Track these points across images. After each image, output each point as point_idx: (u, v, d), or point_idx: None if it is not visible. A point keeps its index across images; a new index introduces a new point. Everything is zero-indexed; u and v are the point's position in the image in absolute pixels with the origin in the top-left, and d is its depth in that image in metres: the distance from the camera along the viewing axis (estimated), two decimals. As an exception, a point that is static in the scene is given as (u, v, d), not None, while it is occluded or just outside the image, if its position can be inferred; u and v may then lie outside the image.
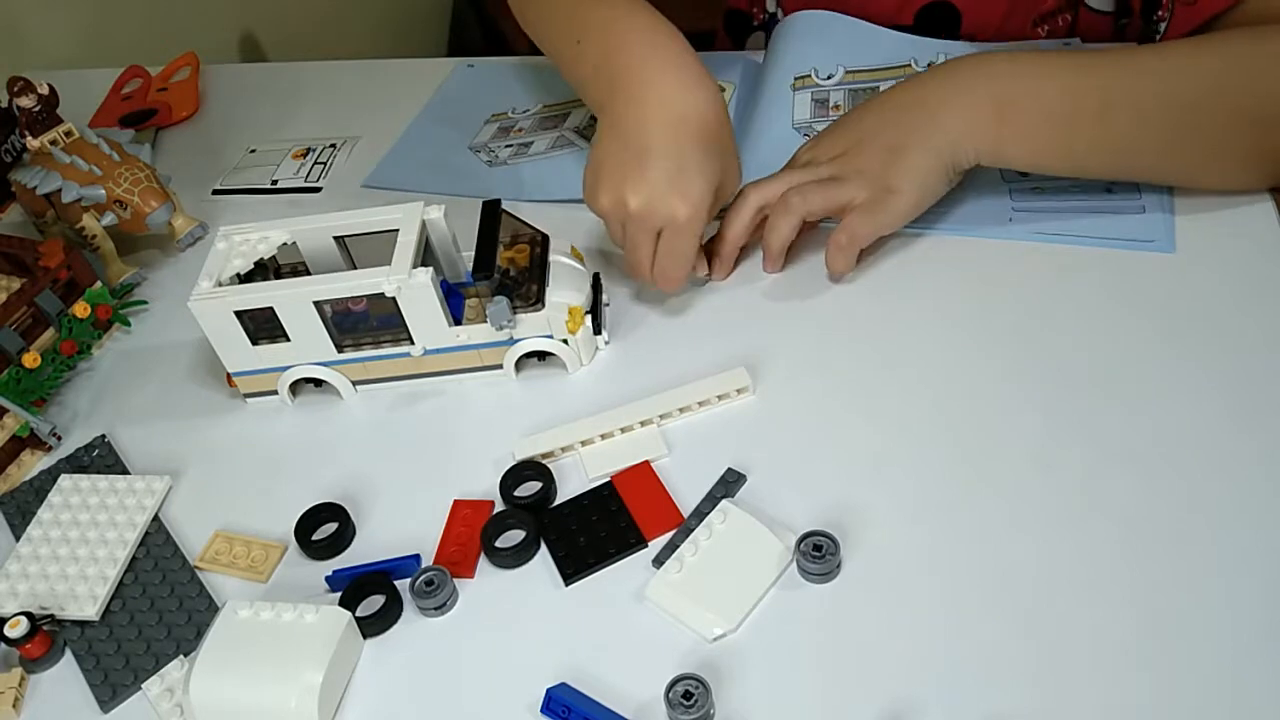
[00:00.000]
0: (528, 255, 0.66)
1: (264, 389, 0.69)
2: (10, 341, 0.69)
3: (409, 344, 0.66)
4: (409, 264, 0.62)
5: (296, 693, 0.51)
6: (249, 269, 0.67)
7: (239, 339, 0.65)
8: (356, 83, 1.03)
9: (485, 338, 0.65)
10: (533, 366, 0.68)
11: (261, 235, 0.67)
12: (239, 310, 0.64)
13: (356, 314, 0.65)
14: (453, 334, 0.65)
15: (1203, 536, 0.53)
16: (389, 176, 0.88)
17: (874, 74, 0.84)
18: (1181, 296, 0.65)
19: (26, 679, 0.57)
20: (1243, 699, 0.47)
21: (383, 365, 0.67)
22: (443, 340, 0.66)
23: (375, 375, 0.68)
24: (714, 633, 0.52)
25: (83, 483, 0.65)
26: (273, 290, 0.64)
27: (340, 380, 0.68)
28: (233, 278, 0.66)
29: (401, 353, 0.66)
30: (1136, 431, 0.58)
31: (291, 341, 0.65)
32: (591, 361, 0.68)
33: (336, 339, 0.66)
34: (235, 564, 0.60)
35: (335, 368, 0.67)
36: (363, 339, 0.66)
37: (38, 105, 0.80)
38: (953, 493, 0.57)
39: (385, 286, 0.62)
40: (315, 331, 0.65)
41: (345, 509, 0.61)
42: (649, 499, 0.59)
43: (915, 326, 0.66)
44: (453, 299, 0.67)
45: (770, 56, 0.88)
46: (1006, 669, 0.49)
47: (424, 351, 0.66)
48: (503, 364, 0.67)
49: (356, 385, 0.69)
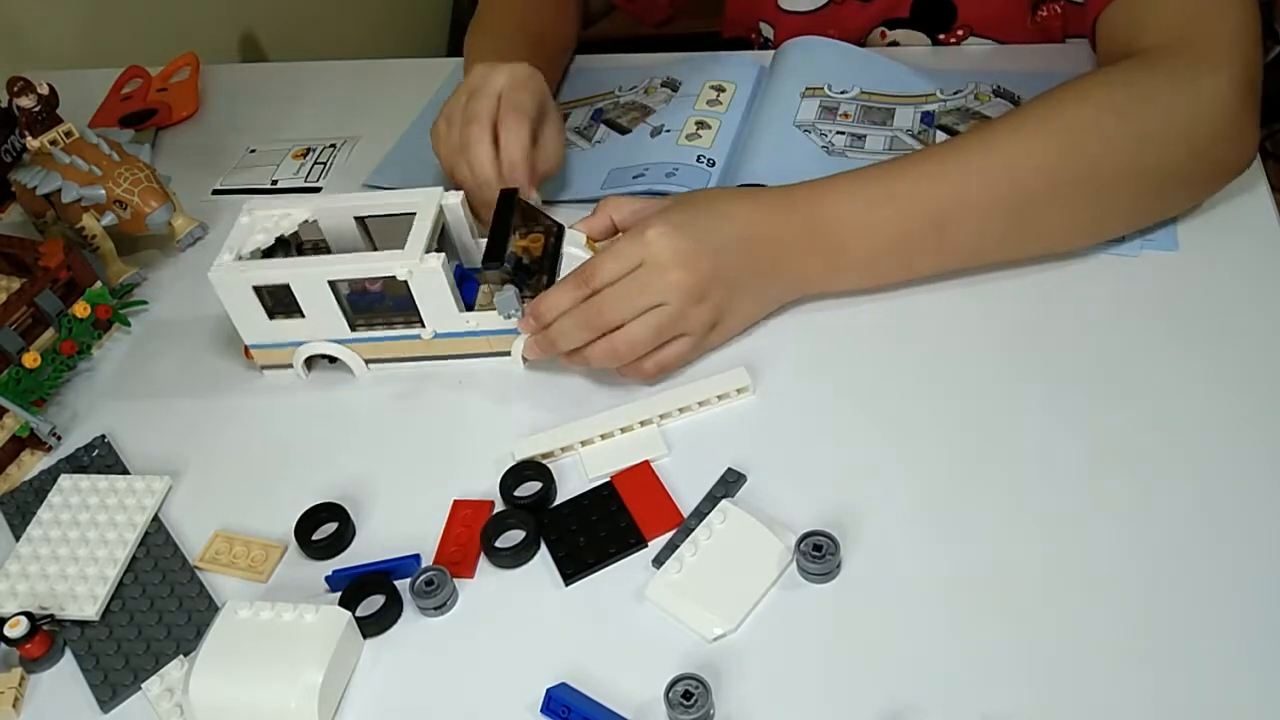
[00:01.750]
0: (541, 245, 0.67)
1: (279, 362, 0.70)
2: (10, 341, 0.69)
3: (420, 326, 0.67)
4: (422, 248, 0.64)
5: (296, 693, 0.51)
6: (270, 244, 0.68)
7: (257, 312, 0.67)
8: (356, 83, 1.03)
9: (495, 324, 0.66)
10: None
11: (284, 212, 0.69)
12: (257, 285, 0.65)
13: (373, 294, 0.66)
14: (463, 319, 0.66)
15: (1204, 535, 0.53)
16: (390, 176, 0.87)
17: (893, 99, 0.83)
18: (1184, 294, 0.65)
19: (26, 679, 0.56)
20: (1243, 699, 0.47)
21: (394, 345, 0.68)
22: (453, 325, 0.66)
23: (387, 355, 0.69)
24: (714, 633, 0.52)
25: (83, 483, 0.65)
26: (290, 268, 0.65)
27: (353, 358, 0.69)
28: (254, 252, 0.67)
29: (412, 334, 0.67)
30: (1138, 430, 0.58)
31: (306, 318, 0.67)
32: None
33: (351, 318, 0.67)
34: (235, 564, 0.60)
35: (349, 345, 0.68)
36: (376, 319, 0.67)
37: (38, 105, 0.80)
38: (953, 492, 0.57)
39: (397, 270, 0.63)
40: (330, 309, 0.66)
41: (345, 509, 0.61)
42: (649, 499, 0.59)
43: (916, 326, 0.66)
44: (467, 284, 0.68)
45: (781, 66, 0.87)
46: (1006, 669, 0.49)
47: (434, 335, 0.67)
48: (510, 351, 0.68)
49: (369, 364, 0.69)
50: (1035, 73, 0.81)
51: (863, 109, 0.82)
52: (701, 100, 0.85)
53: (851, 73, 0.85)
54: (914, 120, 0.81)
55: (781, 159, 0.77)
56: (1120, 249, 0.68)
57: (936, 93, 0.83)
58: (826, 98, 0.83)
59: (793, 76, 0.85)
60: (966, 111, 0.81)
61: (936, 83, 0.84)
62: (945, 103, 0.82)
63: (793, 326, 0.68)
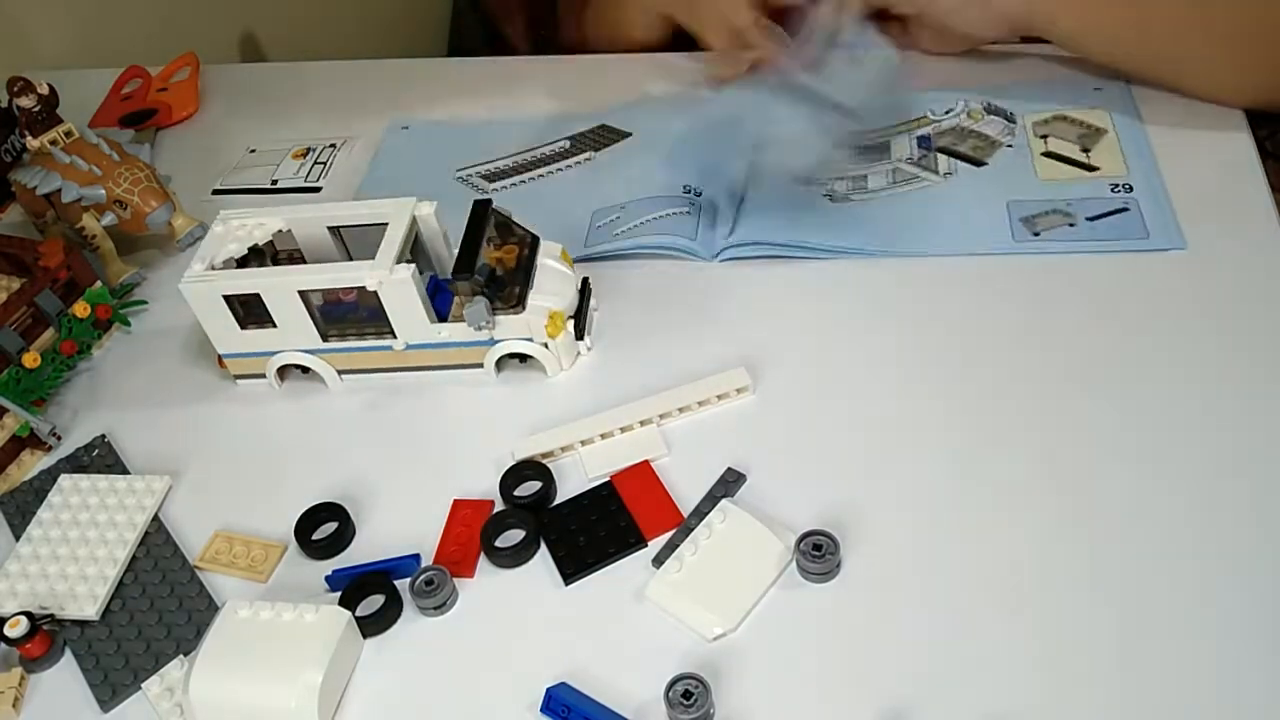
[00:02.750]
0: (515, 256, 0.67)
1: (253, 371, 0.70)
2: (10, 341, 0.69)
3: (391, 337, 0.66)
4: (392, 259, 0.63)
5: (296, 692, 0.51)
6: (244, 254, 0.68)
7: (228, 322, 0.67)
8: (356, 83, 1.03)
9: (466, 336, 0.66)
10: (514, 368, 0.68)
11: (258, 221, 0.69)
12: (228, 295, 0.65)
13: (346, 304, 0.66)
14: (434, 330, 0.66)
15: (1204, 535, 0.53)
16: (390, 176, 0.87)
17: (883, 131, 0.80)
18: (1186, 292, 0.65)
19: (26, 679, 0.57)
20: (1242, 699, 0.47)
21: (366, 357, 0.68)
22: (424, 336, 0.66)
23: (359, 366, 0.69)
24: (714, 632, 0.52)
25: (83, 483, 0.65)
26: (260, 278, 0.65)
27: (325, 369, 0.69)
28: (227, 261, 0.67)
29: (384, 345, 0.67)
30: (1138, 431, 0.58)
31: (278, 328, 0.66)
32: (573, 367, 0.68)
33: (322, 328, 0.67)
34: (235, 564, 0.60)
35: (321, 356, 0.68)
36: (348, 329, 0.67)
37: (38, 105, 0.80)
38: (953, 492, 0.57)
39: (367, 280, 0.63)
40: (301, 319, 0.66)
41: (345, 509, 0.61)
42: (649, 499, 0.59)
43: (917, 326, 0.66)
44: (441, 295, 0.67)
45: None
46: (1005, 668, 0.49)
47: (405, 346, 0.67)
48: (483, 363, 0.67)
49: (342, 375, 0.69)
50: (1017, 83, 0.81)
51: (855, 150, 0.79)
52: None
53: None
54: (911, 147, 0.78)
55: (784, 214, 0.74)
56: (1125, 245, 0.68)
57: (927, 114, 0.81)
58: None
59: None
60: (964, 131, 0.79)
61: (923, 105, 0.81)
62: (940, 123, 0.80)
63: (793, 327, 0.68)
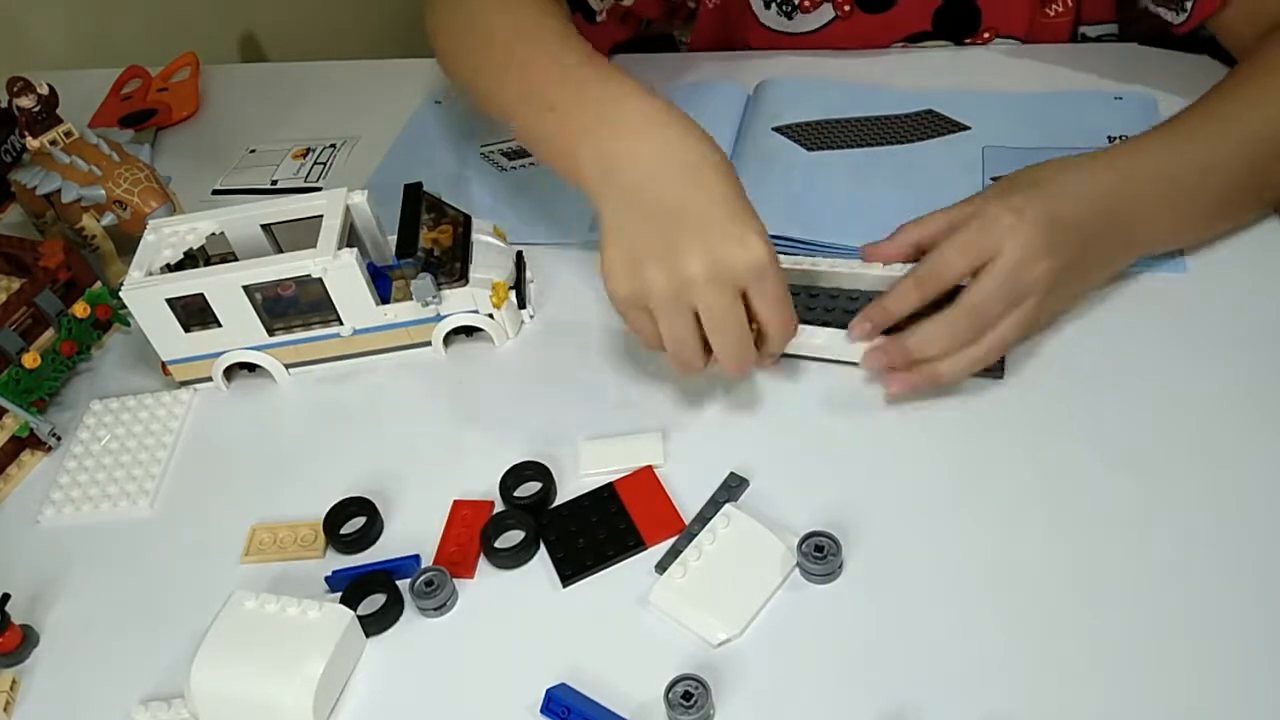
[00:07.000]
0: (451, 235, 0.68)
1: (198, 376, 0.70)
2: (10, 342, 0.69)
3: (338, 324, 0.67)
4: (334, 246, 0.64)
5: (294, 686, 0.51)
6: (179, 259, 0.68)
7: (171, 326, 0.67)
8: (356, 83, 1.03)
9: (412, 315, 0.67)
10: (461, 342, 0.69)
11: (190, 226, 0.69)
12: (170, 298, 0.65)
13: (286, 299, 0.66)
14: (380, 313, 0.67)
15: (1204, 538, 0.53)
16: (391, 175, 0.87)
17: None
18: (1192, 307, 0.64)
19: (18, 683, 0.56)
20: (1242, 700, 0.47)
21: (314, 347, 0.68)
22: (371, 319, 0.67)
23: (307, 357, 0.69)
24: (719, 638, 0.52)
25: (113, 404, 0.71)
26: (202, 277, 0.65)
27: (273, 364, 0.69)
28: (163, 268, 0.67)
29: (331, 334, 0.67)
30: (1138, 435, 0.58)
31: (223, 327, 0.67)
32: (518, 335, 0.69)
33: (267, 323, 0.67)
34: (285, 549, 0.60)
35: (268, 351, 0.68)
36: (294, 322, 0.67)
37: (38, 105, 0.80)
38: (954, 493, 0.57)
39: (312, 268, 0.63)
40: (246, 316, 0.66)
41: (373, 503, 0.61)
42: (650, 505, 0.59)
43: (915, 327, 0.66)
44: (379, 281, 0.68)
45: (760, 108, 0.84)
46: (1006, 669, 0.49)
47: (353, 331, 0.67)
48: (431, 341, 0.68)
49: (289, 369, 0.70)
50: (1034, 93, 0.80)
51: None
52: None
53: (835, 108, 0.82)
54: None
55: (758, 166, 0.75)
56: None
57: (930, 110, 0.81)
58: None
59: (762, 116, 0.82)
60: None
61: (928, 101, 0.81)
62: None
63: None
